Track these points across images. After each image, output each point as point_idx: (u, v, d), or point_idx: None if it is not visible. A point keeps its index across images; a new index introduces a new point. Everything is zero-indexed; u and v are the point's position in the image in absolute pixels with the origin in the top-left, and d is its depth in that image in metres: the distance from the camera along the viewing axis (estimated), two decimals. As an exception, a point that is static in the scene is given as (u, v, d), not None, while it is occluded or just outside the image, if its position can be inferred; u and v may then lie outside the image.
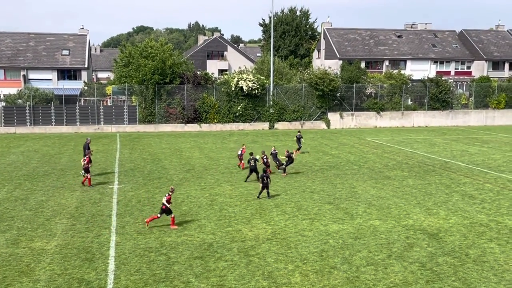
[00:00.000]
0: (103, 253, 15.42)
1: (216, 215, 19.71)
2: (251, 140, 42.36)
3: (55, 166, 30.03)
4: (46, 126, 48.20)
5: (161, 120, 50.25)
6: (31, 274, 13.82)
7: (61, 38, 65.33)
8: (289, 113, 52.71)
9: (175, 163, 31.17)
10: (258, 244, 16.37)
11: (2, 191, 23.51)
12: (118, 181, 25.78)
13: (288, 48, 78.44)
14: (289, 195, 22.95)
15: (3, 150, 36.11)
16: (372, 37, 72.68)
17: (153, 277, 13.67)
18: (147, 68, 48.36)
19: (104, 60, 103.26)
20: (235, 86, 50.01)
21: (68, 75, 61.91)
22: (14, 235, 17.04)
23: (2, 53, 60.95)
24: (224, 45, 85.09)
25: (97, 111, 49.57)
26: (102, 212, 20.06)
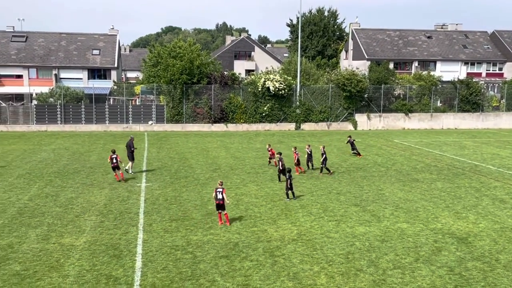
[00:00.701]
0: (130, 250, 15.64)
1: (241, 214, 19.77)
2: (277, 141, 42.33)
3: (85, 164, 30.58)
4: (76, 125, 49.14)
5: (188, 119, 50.68)
6: (60, 269, 14.12)
7: (91, 38, 66.52)
8: (316, 114, 52.48)
9: (201, 163, 31.39)
10: (284, 244, 16.36)
11: (33, 187, 24.07)
12: (146, 180, 26.10)
13: (315, 49, 78.11)
14: (315, 196, 22.86)
15: (35, 148, 36.96)
16: (401, 37, 71.78)
17: (179, 275, 13.80)
18: (175, 68, 48.84)
19: (133, 60, 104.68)
20: (262, 86, 50.07)
21: (98, 74, 63.00)
22: (45, 231, 17.42)
23: (35, 53, 62.41)
24: (251, 46, 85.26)
25: (126, 110, 50.29)
26: (130, 209, 20.34)
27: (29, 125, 48.62)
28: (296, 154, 28.30)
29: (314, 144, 40.01)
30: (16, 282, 13.18)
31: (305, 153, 29.27)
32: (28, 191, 23.21)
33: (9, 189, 23.66)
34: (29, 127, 48.48)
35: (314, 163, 29.21)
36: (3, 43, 63.21)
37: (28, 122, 48.79)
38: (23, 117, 48.96)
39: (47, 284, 13.11)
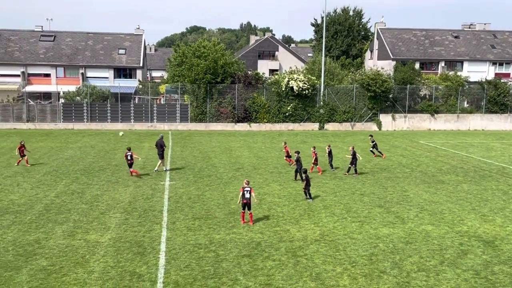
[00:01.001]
0: (154, 248, 15.80)
1: (264, 214, 19.78)
2: (300, 141, 42.20)
3: (110, 161, 31.00)
4: (102, 123, 49.84)
5: (212, 119, 50.91)
6: (86, 265, 14.35)
7: (118, 37, 67.36)
8: (340, 114, 52.14)
9: (224, 162, 31.50)
10: (306, 245, 16.31)
11: (60, 184, 24.51)
12: (170, 178, 26.33)
13: (340, 48, 77.59)
14: (338, 197, 22.72)
15: (62, 145, 37.62)
16: (428, 37, 70.78)
17: (202, 273, 13.88)
18: (200, 67, 49.12)
19: (158, 59, 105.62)
20: (286, 86, 49.99)
21: (124, 73, 63.75)
22: (71, 227, 17.73)
23: (63, 52, 63.52)
24: (275, 45, 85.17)
25: (151, 109, 50.80)
26: (154, 207, 20.54)
27: (56, 123, 49.51)
28: (314, 153, 28.27)
29: (338, 144, 39.84)
30: (43, 277, 13.44)
31: (325, 153, 29.34)
32: (55, 188, 23.65)
33: (37, 185, 24.15)
34: (56, 125, 49.37)
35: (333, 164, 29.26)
36: (32, 42, 64.50)
37: (56, 120, 49.68)
38: (51, 115, 49.88)
39: (73, 279, 13.34)
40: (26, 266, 14.14)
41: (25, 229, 17.40)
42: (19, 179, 25.43)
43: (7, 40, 64.14)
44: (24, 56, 62.44)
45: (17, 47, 63.49)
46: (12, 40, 64.23)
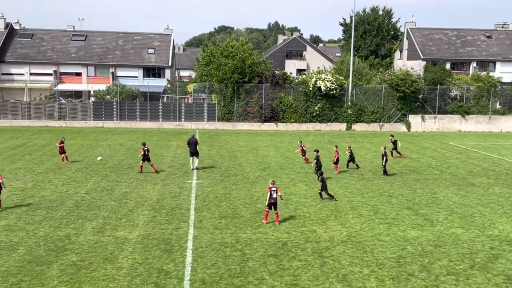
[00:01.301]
0: (181, 245, 15.94)
1: (290, 214, 19.74)
2: (328, 141, 41.96)
3: (139, 159, 31.34)
4: (131, 121, 50.56)
5: (239, 118, 51.08)
6: (114, 261, 14.57)
7: (147, 37, 68.21)
8: (368, 114, 51.65)
9: (251, 161, 31.56)
10: (333, 246, 16.21)
11: (90, 181, 24.96)
12: (197, 177, 26.52)
13: (368, 48, 76.85)
14: (366, 198, 22.51)
15: (92, 143, 38.31)
16: (459, 37, 69.46)
17: (228, 272, 13.95)
18: (227, 67, 49.34)
19: (186, 59, 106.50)
20: (313, 86, 49.79)
21: (153, 73, 64.55)
22: (100, 224, 18.04)
23: (94, 51, 64.67)
24: (303, 45, 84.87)
25: (179, 108, 51.28)
26: (181, 205, 20.73)
27: (87, 121, 50.43)
28: (336, 152, 28.25)
29: (366, 145, 39.47)
30: (73, 272, 13.71)
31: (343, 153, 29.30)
32: (85, 185, 24.10)
33: (67, 182, 24.65)
34: (86, 123, 50.30)
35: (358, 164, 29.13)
36: (64, 42, 65.86)
37: (86, 118, 50.62)
38: (81, 113, 50.84)
39: (102, 275, 13.57)
40: (57, 261, 14.45)
41: (56, 225, 17.79)
42: (51, 176, 26.01)
43: (40, 39, 65.65)
44: (56, 55, 63.83)
45: (50, 46, 64.93)
46: (45, 40, 65.72)
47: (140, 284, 13.06)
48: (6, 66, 62.54)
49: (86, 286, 12.89)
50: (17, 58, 62.74)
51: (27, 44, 64.61)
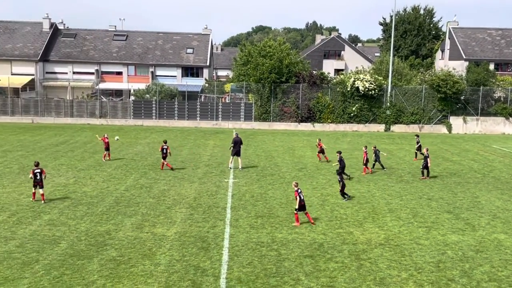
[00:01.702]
0: (217, 244, 16.06)
1: (327, 215, 19.60)
2: (365, 142, 41.41)
3: (176, 158, 31.82)
4: (169, 120, 51.27)
5: (275, 118, 51.06)
6: (152, 257, 14.82)
7: (186, 37, 69.02)
8: (407, 115, 50.71)
9: (287, 161, 31.50)
10: (370, 248, 16.00)
11: (129, 178, 25.46)
12: (233, 176, 26.67)
13: (409, 48, 75.44)
14: (404, 201, 22.12)
15: (131, 141, 39.06)
16: (504, 37, 67.30)
17: (264, 271, 13.96)
18: (265, 67, 49.40)
19: (224, 58, 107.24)
20: (351, 86, 49.26)
21: (191, 72, 65.26)
22: (139, 220, 18.37)
23: (134, 51, 65.92)
24: (341, 45, 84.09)
25: (216, 108, 51.67)
26: (218, 204, 20.89)
27: (127, 119, 51.44)
28: (366, 153, 28.08)
29: (405, 146, 38.77)
30: (112, 267, 14.02)
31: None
32: (124, 182, 24.60)
33: (108, 179, 25.22)
34: (126, 121, 51.31)
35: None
36: (105, 41, 67.39)
37: (126, 117, 51.64)
38: (122, 111, 51.90)
39: (140, 271, 13.82)
40: (97, 256, 14.81)
41: (97, 220, 18.23)
42: (92, 172, 26.66)
43: (83, 39, 67.39)
44: (98, 55, 65.38)
45: (92, 46, 66.57)
46: (88, 39, 67.42)
47: (178, 280, 13.24)
48: (50, 65, 64.48)
49: (125, 281, 13.15)
50: (61, 57, 64.58)
51: (70, 44, 66.44)
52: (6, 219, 18.16)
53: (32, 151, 33.16)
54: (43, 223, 17.80)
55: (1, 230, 16.86)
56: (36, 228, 17.17)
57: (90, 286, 12.77)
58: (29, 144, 35.98)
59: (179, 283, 13.07)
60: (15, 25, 68.08)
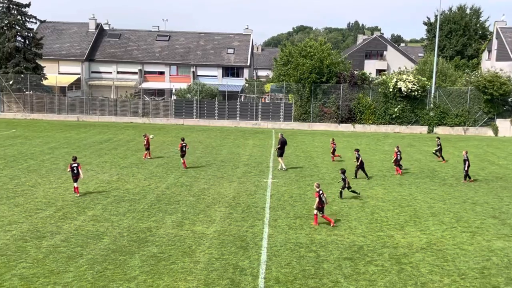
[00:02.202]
0: (256, 243, 16.11)
1: (367, 218, 19.34)
2: (407, 144, 40.67)
3: (216, 157, 32.12)
4: (209, 120, 51.79)
5: (315, 118, 50.78)
6: (192, 255, 15.01)
7: (227, 37, 69.57)
8: (451, 117, 49.45)
9: (327, 162, 31.27)
10: (411, 252, 15.69)
11: (170, 177, 25.87)
12: (272, 176, 26.68)
13: (454, 48, 73.52)
14: (448, 205, 21.57)
15: (173, 140, 39.66)
16: (555, 36, 64.62)
17: (302, 272, 13.92)
18: (305, 67, 49.21)
19: (264, 58, 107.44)
20: (393, 86, 48.44)
21: (232, 72, 65.77)
22: (179, 218, 18.64)
23: (176, 51, 66.96)
24: (383, 45, 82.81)
25: (256, 108, 51.83)
26: (257, 204, 20.95)
27: (168, 118, 52.29)
28: (396, 153, 28.04)
29: (449, 149, 37.80)
30: (153, 263, 14.28)
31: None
32: (165, 180, 25.01)
33: (149, 177, 25.70)
34: (168, 120, 52.15)
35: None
36: (149, 42, 68.74)
37: (168, 116, 52.49)
38: (163, 111, 52.79)
39: (180, 268, 14.03)
40: (139, 252, 15.12)
41: (139, 217, 18.61)
42: (134, 170, 27.23)
43: (127, 39, 68.95)
44: (141, 55, 66.76)
45: (136, 46, 68.03)
46: (132, 40, 68.94)
47: (217, 279, 13.36)
48: (96, 65, 66.29)
49: (165, 277, 13.38)
50: (106, 57, 66.30)
51: (115, 44, 68.08)
52: (53, 214, 18.78)
53: (77, 148, 34.17)
54: (87, 218, 18.32)
55: (48, 225, 17.45)
56: (81, 223, 17.69)
57: (131, 282, 13.05)
58: (74, 142, 37.10)
59: (218, 281, 13.19)
60: (63, 25, 70.37)
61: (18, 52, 54.82)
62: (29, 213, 18.70)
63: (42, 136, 39.39)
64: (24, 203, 20.11)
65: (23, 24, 56.04)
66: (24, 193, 21.68)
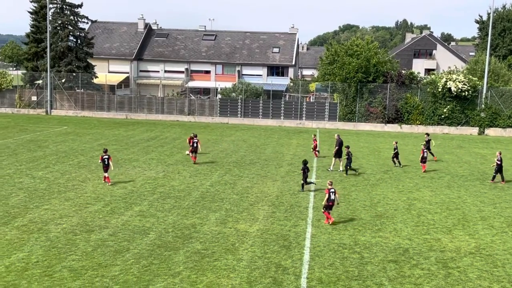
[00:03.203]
0: (299, 243, 16.07)
1: (413, 220, 18.93)
2: (457, 145, 39.52)
3: (260, 156, 32.22)
4: (254, 119, 51.99)
5: (361, 118, 50.09)
6: (235, 252, 15.13)
7: (273, 36, 69.63)
8: (504, 118, 47.66)
9: (372, 163, 30.81)
10: (459, 257, 15.25)
11: (214, 174, 26.16)
12: (316, 175, 26.52)
13: (507, 47, 70.78)
14: (498, 209, 20.83)
15: (217, 138, 40.08)
16: None
17: (345, 274, 13.78)
18: (351, 66, 48.61)
19: (309, 57, 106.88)
20: (443, 86, 47.14)
21: (277, 71, 65.80)
22: (223, 216, 18.83)
23: (222, 50, 67.58)
24: (433, 43, 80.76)
25: (300, 107, 51.64)
26: (300, 203, 20.88)
27: (213, 117, 52.85)
28: (423, 151, 28.48)
29: (504, 153, 36.43)
30: (197, 260, 14.49)
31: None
32: (210, 178, 25.31)
33: (194, 174, 26.07)
34: (213, 119, 52.72)
35: None
36: (195, 41, 69.70)
37: (213, 114, 53.06)
38: (209, 109, 53.41)
39: (223, 265, 14.17)
40: (183, 248, 15.37)
41: (183, 214, 18.92)
42: (180, 168, 27.70)
43: (175, 39, 70.16)
44: (188, 54, 67.79)
45: (183, 45, 69.13)
46: (179, 39, 70.11)
47: (259, 277, 13.41)
48: (144, 64, 67.81)
49: (209, 274, 13.54)
50: (154, 56, 67.70)
51: (162, 43, 69.41)
52: (101, 208, 19.36)
53: (125, 145, 35.06)
54: (134, 214, 18.78)
55: (96, 219, 18.01)
56: (128, 219, 18.15)
57: (175, 277, 13.29)
58: (122, 139, 38.09)
59: (261, 280, 13.24)
60: (113, 25, 72.34)
61: (70, 51, 56.79)
62: (79, 207, 19.36)
63: (92, 133, 40.66)
64: (74, 197, 20.82)
65: (76, 24, 58.01)
66: (75, 188, 22.45)
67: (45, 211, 18.77)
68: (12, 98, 55.61)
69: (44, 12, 56.53)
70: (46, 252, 14.71)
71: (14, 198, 20.45)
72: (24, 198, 20.41)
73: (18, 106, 55.16)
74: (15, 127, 42.76)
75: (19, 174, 24.84)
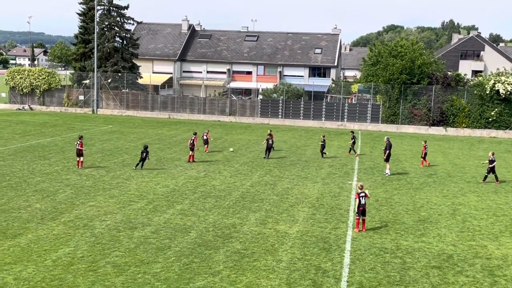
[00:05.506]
0: (339, 246, 15.92)
1: (458, 226, 18.43)
2: (504, 150, 38.20)
3: (300, 157, 32.10)
4: (294, 120, 51.85)
5: (404, 120, 49.14)
6: (275, 253, 15.13)
7: (315, 37, 69.24)
8: (556, 122, 45.72)
9: (416, 166, 30.17)
10: (507, 264, 14.73)
11: (255, 175, 26.24)
12: (357, 178, 26.20)
13: (560, 48, 67.90)
14: (549, 217, 19.99)
15: (258, 139, 40.17)
16: None
17: (387, 278, 13.55)
18: (395, 67, 47.77)
19: (352, 58, 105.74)
20: (491, 88, 45.68)
21: (318, 72, 65.38)
22: (263, 216, 18.86)
23: (264, 51, 67.72)
24: (481, 45, 78.34)
25: (342, 108, 51.13)
26: (340, 206, 20.68)
27: (254, 117, 53.03)
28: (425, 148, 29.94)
29: (551, 156, 35.03)
30: (237, 259, 14.57)
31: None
32: (250, 178, 25.41)
33: (235, 174, 26.24)
34: (254, 119, 52.90)
35: None
36: (238, 42, 70.13)
37: (254, 115, 53.26)
38: (250, 110, 53.63)
39: (263, 265, 14.19)
40: (223, 247, 15.49)
41: (224, 213, 19.08)
42: (221, 167, 27.94)
43: (217, 40, 70.82)
44: (230, 55, 68.27)
45: (225, 46, 69.68)
46: (221, 40, 70.71)
47: (298, 279, 13.37)
48: (187, 64, 68.77)
49: (248, 274, 13.60)
50: (197, 57, 68.55)
51: (205, 44, 70.19)
52: (144, 206, 19.76)
53: (168, 144, 35.65)
54: (176, 212, 19.06)
55: (139, 216, 18.39)
56: (170, 217, 18.45)
57: (215, 276, 13.41)
58: (165, 138, 38.74)
59: (300, 281, 13.19)
60: (157, 27, 73.72)
61: (116, 52, 58.25)
62: (122, 205, 19.82)
63: (136, 132, 41.55)
64: (118, 195, 21.33)
65: (122, 25, 59.47)
66: (119, 185, 23.00)
67: (90, 207, 19.32)
68: (60, 97, 57.55)
69: (92, 14, 58.20)
70: (91, 248, 15.13)
71: (62, 194, 21.14)
72: (71, 195, 21.07)
73: (66, 105, 57.04)
74: (63, 125, 44.21)
75: (66, 171, 25.67)
